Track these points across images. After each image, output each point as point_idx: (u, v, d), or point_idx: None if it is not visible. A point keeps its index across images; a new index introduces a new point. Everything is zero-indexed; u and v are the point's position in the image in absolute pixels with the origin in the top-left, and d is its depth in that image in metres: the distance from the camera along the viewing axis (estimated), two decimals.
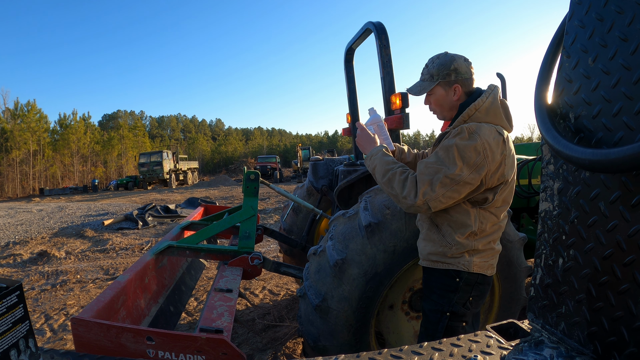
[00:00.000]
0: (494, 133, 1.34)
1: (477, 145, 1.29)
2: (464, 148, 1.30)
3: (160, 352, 1.28)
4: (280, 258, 4.34)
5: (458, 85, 1.46)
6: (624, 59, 0.64)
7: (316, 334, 1.79)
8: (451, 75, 1.46)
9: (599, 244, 0.69)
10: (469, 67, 1.47)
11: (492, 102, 1.40)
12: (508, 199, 1.44)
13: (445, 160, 1.32)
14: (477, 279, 1.43)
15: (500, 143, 1.33)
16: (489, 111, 1.39)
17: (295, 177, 27.01)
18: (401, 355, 0.72)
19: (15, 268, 5.50)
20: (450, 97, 1.48)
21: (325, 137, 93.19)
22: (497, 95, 1.42)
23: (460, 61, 1.46)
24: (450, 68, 1.46)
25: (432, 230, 1.46)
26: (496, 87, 1.45)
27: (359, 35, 2.92)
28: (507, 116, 1.45)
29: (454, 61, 1.46)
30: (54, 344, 3.06)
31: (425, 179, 1.33)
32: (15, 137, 30.98)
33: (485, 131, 1.32)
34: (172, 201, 14.11)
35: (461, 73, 1.45)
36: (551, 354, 0.72)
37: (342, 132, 3.52)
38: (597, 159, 0.59)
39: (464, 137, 1.32)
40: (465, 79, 1.46)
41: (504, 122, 1.42)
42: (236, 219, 2.47)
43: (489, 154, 1.30)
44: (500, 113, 1.41)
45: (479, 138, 1.30)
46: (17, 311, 0.67)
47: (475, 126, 1.33)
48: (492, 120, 1.40)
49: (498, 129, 1.36)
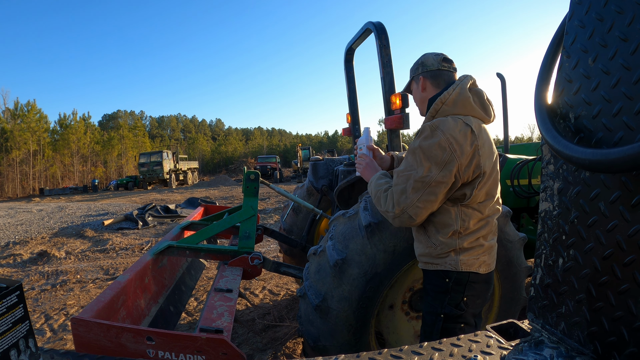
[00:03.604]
0: (460, 125, 1.30)
1: (441, 141, 1.26)
2: (428, 147, 1.28)
3: (160, 352, 1.28)
4: (280, 258, 4.34)
5: (421, 77, 1.48)
6: (624, 59, 0.64)
7: (316, 334, 1.79)
8: (418, 68, 1.50)
9: (599, 244, 0.69)
10: (437, 60, 1.46)
11: (459, 92, 1.36)
12: (492, 191, 1.39)
13: (414, 164, 1.30)
14: (468, 277, 1.38)
15: (468, 134, 1.29)
16: (457, 103, 1.36)
17: (295, 177, 27.01)
18: (401, 355, 0.72)
19: (15, 268, 5.50)
20: (419, 90, 1.51)
21: (325, 137, 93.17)
22: (465, 85, 1.38)
23: (429, 55, 1.49)
24: (418, 63, 1.51)
25: (420, 232, 1.45)
26: (466, 77, 1.42)
27: (359, 35, 2.91)
28: (482, 105, 1.41)
29: (423, 56, 1.51)
30: (54, 344, 3.06)
31: (398, 188, 1.32)
32: (15, 137, 30.98)
33: (448, 125, 1.29)
34: (172, 201, 14.11)
35: (426, 65, 1.47)
36: (551, 354, 0.72)
37: (342, 132, 3.52)
38: (597, 159, 0.59)
39: (427, 136, 1.30)
40: (430, 71, 1.46)
41: (477, 112, 1.38)
42: (236, 219, 2.47)
43: (456, 148, 1.26)
44: (471, 103, 1.37)
45: (442, 134, 1.27)
46: (17, 311, 0.67)
47: (437, 122, 1.30)
48: (462, 112, 1.36)
49: (465, 120, 1.32)
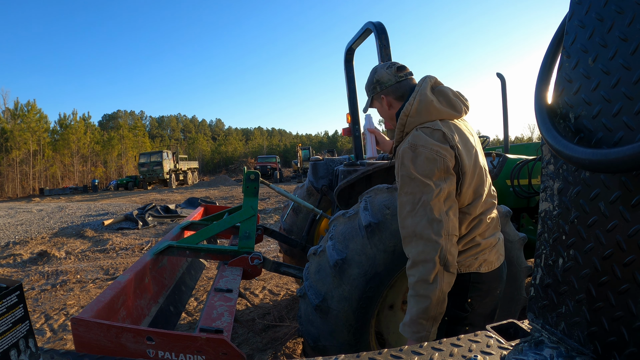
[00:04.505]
0: (430, 132, 1.27)
1: (427, 155, 1.23)
2: (420, 166, 1.23)
3: (160, 352, 1.28)
4: (280, 258, 4.34)
5: (383, 96, 1.44)
6: (624, 59, 0.64)
7: (316, 334, 1.79)
8: (376, 87, 1.45)
9: (599, 244, 0.69)
10: (391, 73, 1.42)
11: (420, 100, 1.31)
12: (479, 189, 1.33)
13: (416, 191, 1.23)
14: (469, 278, 1.35)
15: (441, 138, 1.26)
16: (420, 112, 1.31)
17: (295, 177, 27.02)
18: (401, 355, 0.72)
19: (15, 268, 5.50)
20: (385, 109, 1.46)
21: (325, 137, 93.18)
22: (425, 90, 1.32)
23: (382, 71, 1.44)
24: (373, 82, 1.45)
25: None
26: (425, 80, 1.36)
27: (359, 35, 2.91)
28: (449, 103, 1.35)
29: (376, 73, 1.46)
30: (54, 344, 3.06)
31: (423, 223, 1.20)
32: (15, 137, 31.00)
33: (422, 138, 1.26)
34: (172, 201, 14.11)
35: (383, 82, 1.43)
36: (551, 354, 0.72)
37: (342, 132, 3.51)
38: (597, 159, 0.59)
39: (412, 158, 1.24)
40: (389, 87, 1.42)
41: (444, 113, 1.33)
42: (236, 219, 2.47)
43: (443, 153, 1.24)
44: (434, 106, 1.31)
45: (423, 148, 1.24)
46: (17, 311, 0.67)
47: (412, 142, 1.26)
48: (427, 118, 1.31)
49: (432, 126, 1.28)
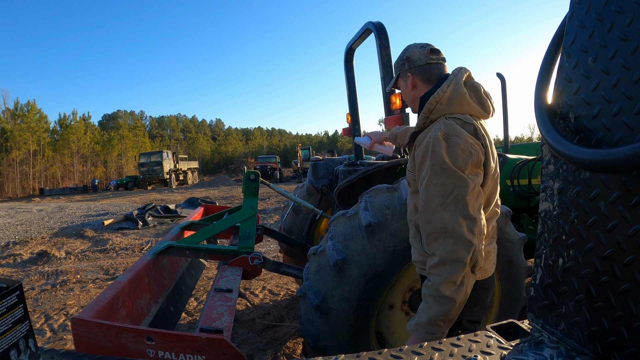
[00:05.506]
0: (462, 124, 1.19)
1: (462, 146, 1.14)
2: (454, 157, 1.13)
3: (160, 352, 1.28)
4: (280, 258, 4.34)
5: (410, 74, 1.35)
6: (624, 59, 0.64)
7: (316, 334, 1.79)
8: (404, 65, 1.36)
9: (599, 244, 0.69)
10: (423, 52, 1.32)
11: (454, 89, 1.22)
12: (492, 196, 1.27)
13: (449, 184, 1.13)
14: None
15: (473, 131, 1.19)
16: (452, 101, 1.22)
17: (295, 177, 27.01)
18: (401, 355, 0.72)
19: (15, 268, 5.50)
20: (409, 88, 1.37)
21: (325, 137, 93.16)
22: (460, 80, 1.24)
23: (415, 48, 1.35)
24: (403, 58, 1.37)
25: (416, 238, 1.35)
26: (460, 71, 1.27)
27: (359, 35, 2.92)
28: (479, 101, 1.27)
29: (408, 50, 1.37)
30: (54, 344, 3.06)
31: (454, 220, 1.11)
32: (15, 137, 31.00)
33: (455, 128, 1.17)
34: (172, 201, 14.11)
35: (413, 60, 1.33)
36: (551, 354, 0.72)
37: (342, 132, 3.52)
38: (597, 159, 0.59)
39: (443, 147, 1.14)
40: (418, 66, 1.33)
41: (475, 109, 1.25)
42: (236, 219, 2.47)
43: (477, 147, 1.17)
44: (468, 100, 1.23)
45: (457, 138, 1.15)
46: (17, 311, 0.67)
47: (444, 130, 1.17)
48: (458, 110, 1.22)
49: (463, 118, 1.20)
